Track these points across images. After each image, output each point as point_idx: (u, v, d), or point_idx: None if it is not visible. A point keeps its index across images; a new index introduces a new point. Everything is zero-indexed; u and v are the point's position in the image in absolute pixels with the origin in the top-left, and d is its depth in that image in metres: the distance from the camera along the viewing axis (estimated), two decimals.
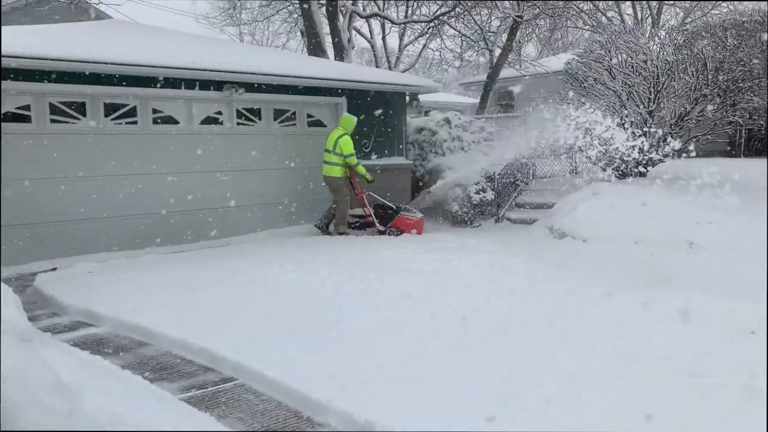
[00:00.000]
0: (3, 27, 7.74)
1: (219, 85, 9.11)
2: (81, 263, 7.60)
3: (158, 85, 8.55)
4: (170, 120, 8.96)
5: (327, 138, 9.64)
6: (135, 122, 8.65)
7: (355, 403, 3.43)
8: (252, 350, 4.29)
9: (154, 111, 8.81)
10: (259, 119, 9.86)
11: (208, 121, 9.33)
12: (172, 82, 8.65)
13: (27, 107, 7.85)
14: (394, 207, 9.94)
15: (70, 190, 8.08)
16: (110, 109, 8.44)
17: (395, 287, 6.06)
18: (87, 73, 7.92)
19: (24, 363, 3.25)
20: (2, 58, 7.15)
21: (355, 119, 9.76)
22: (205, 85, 9.00)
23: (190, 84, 8.83)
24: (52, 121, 8.02)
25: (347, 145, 9.50)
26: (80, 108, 8.22)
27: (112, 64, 7.94)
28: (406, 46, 22.06)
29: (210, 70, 8.75)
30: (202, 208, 9.16)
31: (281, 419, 3.51)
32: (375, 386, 3.69)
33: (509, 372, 3.93)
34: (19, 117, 7.80)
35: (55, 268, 7.50)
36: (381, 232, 9.75)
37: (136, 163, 8.58)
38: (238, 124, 9.63)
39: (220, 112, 9.43)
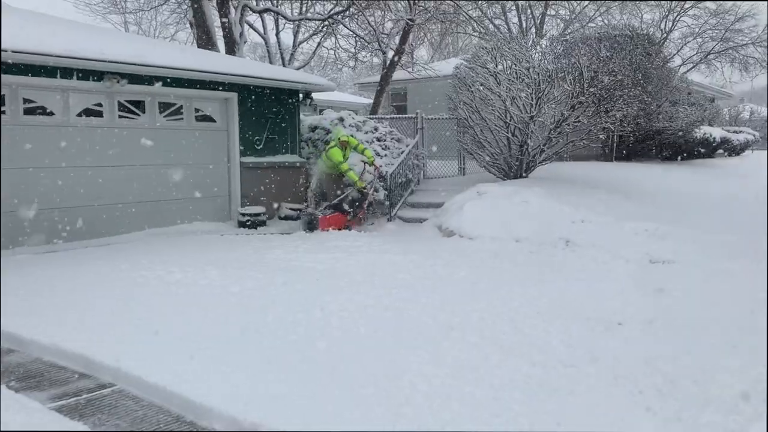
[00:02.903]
0: None
1: (99, 76, 8.60)
2: None
3: (29, 74, 7.93)
4: (43, 111, 8.35)
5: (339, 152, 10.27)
6: (2, 112, 7.98)
7: (240, 405, 3.36)
8: (132, 355, 4.09)
9: (25, 101, 8.18)
10: (144, 112, 9.41)
11: (87, 113, 8.78)
12: (45, 71, 8.05)
13: None
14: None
15: None
16: None
17: (286, 287, 6.00)
18: None
19: None
20: None
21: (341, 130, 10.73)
22: (84, 74, 8.46)
23: (66, 73, 8.26)
24: None
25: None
26: None
27: None
28: (300, 43, 21.83)
29: (86, 59, 8.22)
30: (79, 205, 8.61)
31: (162, 424, 3.37)
32: (261, 387, 3.64)
33: (396, 367, 4.01)
34: None
35: None
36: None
37: (4, 156, 7.92)
38: (120, 117, 9.14)
39: (100, 104, 8.91)
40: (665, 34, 24.71)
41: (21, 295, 5.65)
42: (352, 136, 10.98)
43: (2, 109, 7.82)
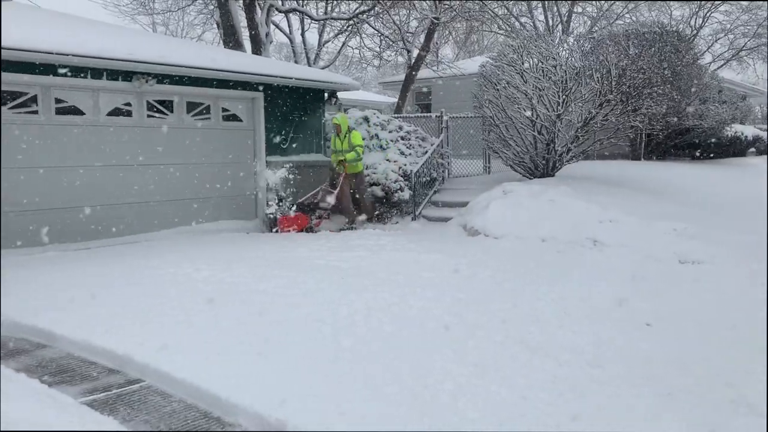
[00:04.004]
0: None
1: (128, 76, 8.73)
2: None
3: (62, 74, 8.09)
4: (75, 110, 8.50)
5: (340, 140, 10.33)
6: (35, 112, 8.15)
7: (267, 402, 3.38)
8: (160, 351, 4.14)
9: (57, 101, 8.34)
10: (172, 112, 9.53)
11: (117, 112, 8.92)
12: (77, 71, 8.20)
13: None
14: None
15: None
16: (8, 97, 7.91)
17: (311, 285, 6.03)
18: None
19: None
20: None
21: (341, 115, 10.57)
22: (114, 75, 8.59)
23: (96, 73, 8.41)
24: None
25: (359, 137, 10.36)
26: None
27: (10, 49, 7.44)
28: (325, 43, 21.94)
29: (117, 59, 8.35)
30: (109, 203, 8.75)
31: (190, 420, 3.41)
32: (286, 384, 3.66)
33: (421, 365, 4.00)
34: None
35: None
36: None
37: (37, 155, 8.09)
38: (149, 116, 9.27)
39: (129, 104, 9.04)
40: (695, 31, 24.27)
41: (52, 291, 5.77)
42: (369, 120, 11.14)
43: (3, 107, 7.81)
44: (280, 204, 10.04)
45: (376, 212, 10.87)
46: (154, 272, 6.50)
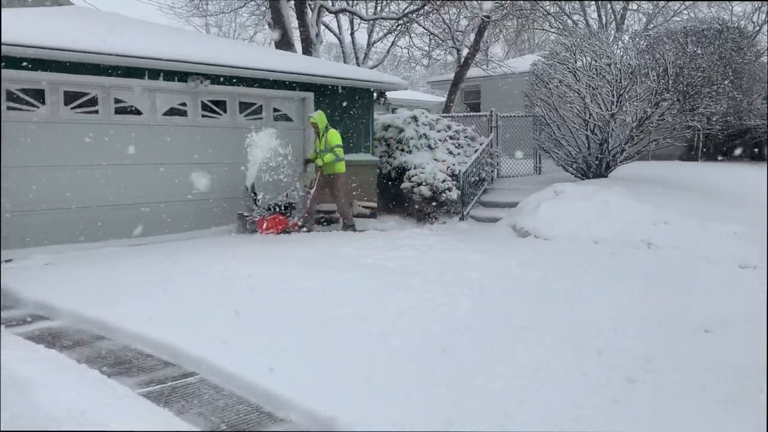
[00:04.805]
0: None
1: (183, 76, 8.95)
2: (37, 255, 7.41)
3: (121, 75, 8.36)
4: (132, 110, 8.78)
5: (319, 139, 9.79)
6: (96, 111, 8.45)
7: (317, 399, 3.42)
8: (213, 345, 4.24)
9: (116, 101, 8.62)
10: (225, 112, 9.74)
11: (172, 112, 9.17)
12: (135, 72, 8.47)
13: None
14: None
15: (26, 181, 7.85)
16: (70, 97, 8.23)
17: (359, 283, 6.07)
18: (46, 59, 7.70)
19: None
20: None
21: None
22: (169, 75, 8.83)
23: (153, 74, 8.66)
24: (9, 108, 7.78)
25: (336, 136, 9.72)
26: (39, 95, 8.00)
27: (72, 51, 7.73)
28: (374, 42, 22.02)
29: (174, 61, 8.59)
30: (163, 200, 9.01)
31: (242, 414, 3.48)
32: (336, 381, 3.69)
33: (469, 367, 3.97)
34: None
35: (10, 260, 7.29)
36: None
37: (96, 153, 8.39)
38: (203, 116, 9.49)
39: (184, 104, 9.28)
40: (758, 27, 23.33)
41: (109, 284, 5.97)
42: (418, 119, 10.80)
43: (2, 104, 7.86)
44: (258, 205, 9.40)
45: (425, 213, 10.85)
46: (206, 269, 6.64)
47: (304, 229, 9.57)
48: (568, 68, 10.29)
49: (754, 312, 5.25)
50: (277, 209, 9.42)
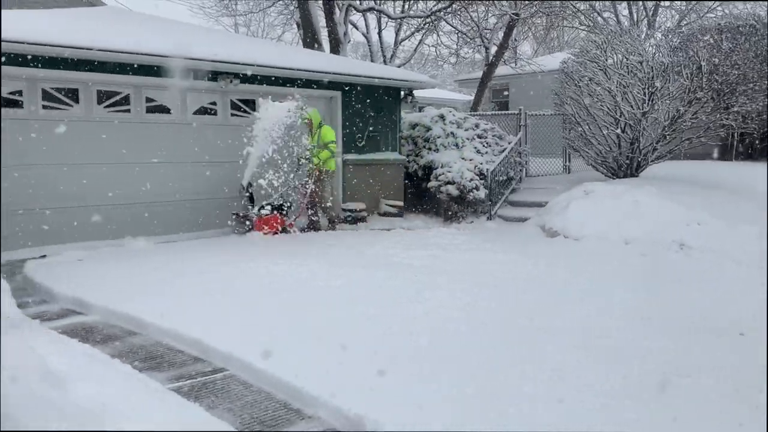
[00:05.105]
0: None
1: (213, 76, 9.05)
2: (70, 251, 7.55)
3: (152, 74, 8.48)
4: (163, 109, 8.90)
5: (311, 136, 9.58)
6: (128, 110, 8.60)
7: (346, 397, 3.42)
8: (243, 342, 4.27)
9: (148, 100, 8.76)
10: (254, 110, 9.81)
11: (202, 111, 9.27)
12: (166, 71, 8.58)
13: (19, 92, 7.78)
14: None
15: (60, 178, 8.02)
16: (103, 96, 8.39)
17: (386, 282, 6.07)
18: (81, 59, 7.85)
19: (12, 350, 3.22)
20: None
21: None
22: (200, 75, 8.94)
23: (184, 73, 8.76)
24: (44, 107, 7.95)
25: (331, 133, 9.59)
26: (73, 95, 8.16)
27: (105, 51, 7.87)
28: (402, 41, 21.98)
29: (204, 60, 8.69)
30: (194, 198, 9.12)
31: (270, 410, 3.50)
32: (365, 380, 3.69)
33: (498, 367, 3.94)
34: (11, 102, 7.73)
35: (44, 256, 7.44)
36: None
37: (128, 151, 8.53)
38: (232, 115, 9.58)
39: (214, 103, 9.38)
40: None
41: (140, 280, 6.06)
42: (445, 118, 10.50)
43: (38, 103, 8.02)
44: (252, 205, 9.14)
45: (452, 212, 10.81)
46: (234, 266, 6.70)
47: (311, 229, 9.33)
48: (599, 66, 10.15)
49: None
50: (283, 207, 9.23)
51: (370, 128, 11.15)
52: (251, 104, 9.78)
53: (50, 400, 2.62)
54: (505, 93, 21.56)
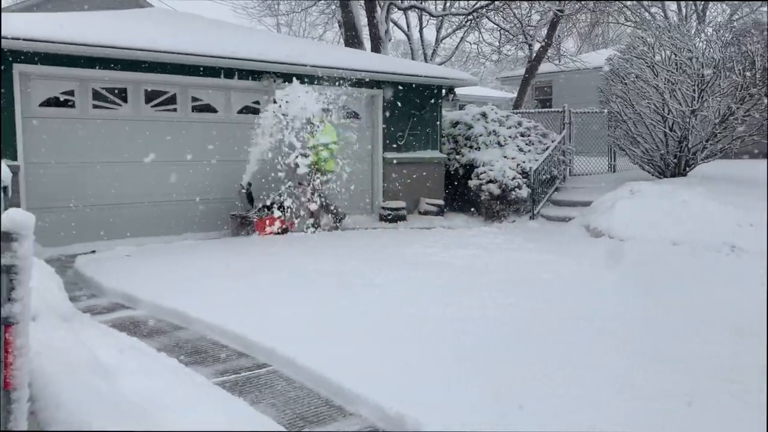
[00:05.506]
0: (48, 13, 7.90)
1: (257, 75, 9.17)
2: (119, 246, 7.76)
3: (198, 74, 8.64)
4: (209, 108, 9.05)
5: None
6: (174, 110, 8.78)
7: (388, 395, 3.42)
8: (286, 338, 4.31)
9: (194, 99, 8.93)
10: None
11: (246, 110, 9.40)
12: (211, 71, 8.73)
13: (71, 92, 8.02)
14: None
15: (110, 175, 8.24)
16: (151, 96, 8.58)
17: (427, 281, 6.05)
18: (129, 59, 8.05)
19: (64, 342, 3.32)
20: (49, 44, 7.33)
21: None
22: (244, 74, 9.07)
23: (229, 73, 8.90)
24: (95, 106, 8.18)
25: (332, 132, 9.17)
26: (122, 94, 8.38)
27: (153, 51, 8.06)
28: (443, 39, 21.88)
29: (249, 60, 8.82)
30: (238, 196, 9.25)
31: (312, 407, 3.52)
32: (406, 378, 3.68)
33: (543, 369, 3.88)
34: (63, 102, 7.98)
35: (94, 251, 7.67)
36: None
37: (175, 149, 8.71)
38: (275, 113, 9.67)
39: (257, 102, 9.50)
40: None
41: (184, 276, 6.18)
42: (487, 116, 10.29)
43: (89, 103, 8.18)
44: (252, 205, 8.95)
45: (493, 211, 10.70)
46: (275, 263, 6.78)
47: (311, 229, 8.84)
48: (646, 63, 9.90)
49: None
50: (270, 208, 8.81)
51: (411, 126, 11.13)
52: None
53: (102, 393, 2.69)
54: (548, 90, 21.24)
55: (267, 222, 8.62)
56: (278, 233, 8.65)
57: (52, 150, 7.83)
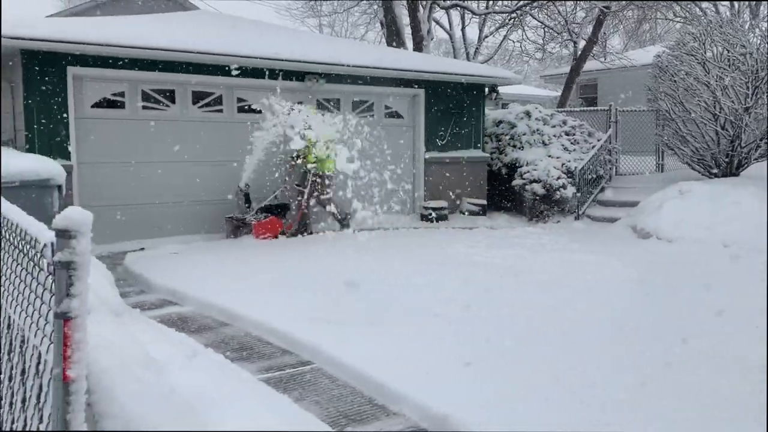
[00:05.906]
0: (98, 17, 8.13)
1: (300, 76, 9.26)
2: (167, 244, 7.95)
3: (243, 75, 8.77)
4: (253, 109, 9.18)
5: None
6: (220, 110, 8.94)
7: (430, 394, 3.41)
8: (330, 336, 4.35)
9: (239, 100, 9.07)
10: (338, 109, 9.96)
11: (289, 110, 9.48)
12: (255, 72, 8.85)
13: (121, 94, 8.25)
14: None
15: (159, 175, 8.44)
16: (197, 97, 8.76)
17: (469, 281, 6.01)
18: (177, 61, 8.23)
19: (116, 336, 3.41)
20: (101, 47, 7.56)
21: None
22: (288, 75, 9.16)
23: (273, 74, 9.01)
24: (144, 107, 8.39)
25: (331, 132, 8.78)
26: (170, 95, 8.57)
27: (199, 53, 8.22)
28: (486, 37, 21.68)
29: (292, 61, 8.91)
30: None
31: (356, 405, 3.54)
32: (450, 378, 3.67)
33: (587, 373, 3.82)
34: (114, 103, 8.21)
35: (143, 248, 7.87)
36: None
37: (221, 149, 8.86)
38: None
39: (300, 102, 9.58)
40: None
41: (230, 273, 6.28)
42: (531, 115, 10.23)
43: (138, 104, 8.32)
44: (249, 207, 8.63)
45: (537, 211, 10.56)
46: (314, 263, 6.83)
47: (309, 231, 8.68)
48: (697, 59, 9.63)
49: None
50: (269, 210, 8.60)
51: (453, 125, 11.07)
52: (336, 103, 9.94)
53: (153, 387, 2.75)
54: (594, 89, 20.84)
55: (261, 227, 8.25)
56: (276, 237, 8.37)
57: (103, 150, 8.07)
